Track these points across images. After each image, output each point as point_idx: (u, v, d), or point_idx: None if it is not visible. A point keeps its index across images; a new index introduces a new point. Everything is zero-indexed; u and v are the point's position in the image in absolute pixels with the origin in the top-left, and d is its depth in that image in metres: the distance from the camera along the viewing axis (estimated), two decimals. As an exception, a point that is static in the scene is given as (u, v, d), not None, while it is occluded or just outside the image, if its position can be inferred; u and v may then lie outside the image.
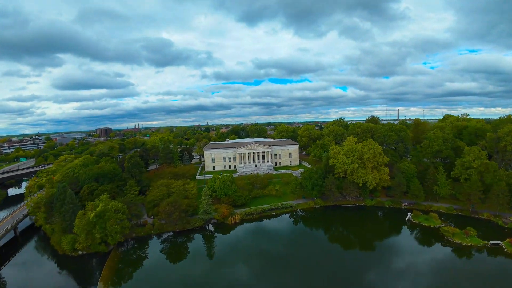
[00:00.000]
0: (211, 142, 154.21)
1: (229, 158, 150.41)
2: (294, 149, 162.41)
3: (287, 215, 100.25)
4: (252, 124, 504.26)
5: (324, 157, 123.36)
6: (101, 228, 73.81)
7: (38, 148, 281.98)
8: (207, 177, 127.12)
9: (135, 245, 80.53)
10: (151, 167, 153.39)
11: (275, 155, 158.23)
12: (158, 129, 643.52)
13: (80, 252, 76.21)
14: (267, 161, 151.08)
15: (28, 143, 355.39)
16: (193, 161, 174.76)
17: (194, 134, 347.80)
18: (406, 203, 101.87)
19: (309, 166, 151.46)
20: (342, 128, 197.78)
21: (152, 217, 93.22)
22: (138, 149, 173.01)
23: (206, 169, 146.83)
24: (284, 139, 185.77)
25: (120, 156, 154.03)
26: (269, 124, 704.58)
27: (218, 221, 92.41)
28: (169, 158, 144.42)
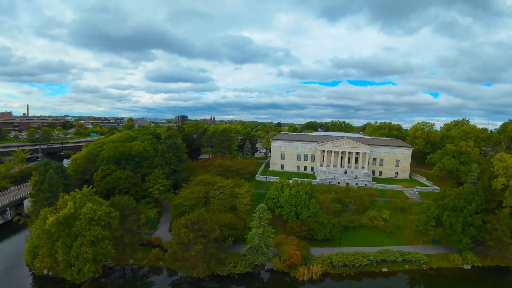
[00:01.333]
0: (282, 132, 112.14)
1: (305, 156, 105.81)
2: (404, 154, 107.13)
3: (409, 276, 51.14)
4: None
5: (485, 175, 67.26)
6: (64, 246, 40.16)
7: (117, 126, 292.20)
8: (271, 179, 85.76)
9: (129, 279, 45.21)
10: (203, 156, 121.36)
11: (374, 159, 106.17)
12: (230, 121, 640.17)
13: (45, 272, 45.16)
14: (363, 167, 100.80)
15: (110, 121, 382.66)
16: (257, 155, 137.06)
17: (264, 127, 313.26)
18: None
19: (427, 183, 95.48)
20: (480, 130, 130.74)
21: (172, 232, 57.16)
22: (195, 134, 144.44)
23: (271, 167, 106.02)
24: (389, 139, 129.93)
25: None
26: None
27: (278, 269, 49.72)
28: (225, 146, 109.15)
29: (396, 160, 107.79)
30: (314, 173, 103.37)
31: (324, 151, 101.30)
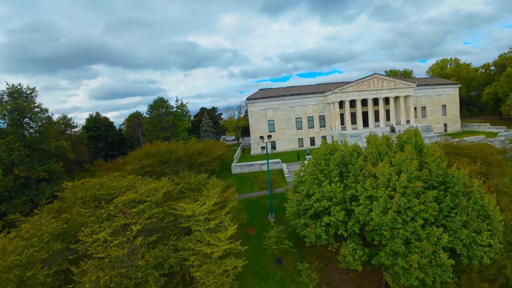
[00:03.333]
0: (262, 88, 65.13)
1: (310, 119, 61.03)
2: (450, 95, 69.46)
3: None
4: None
5: None
6: None
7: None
8: (255, 169, 39.83)
9: None
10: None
11: (414, 109, 65.36)
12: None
13: None
14: (408, 121, 59.46)
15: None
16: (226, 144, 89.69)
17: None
18: None
19: (501, 129, 57.82)
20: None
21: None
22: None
23: (253, 151, 59.56)
24: (425, 77, 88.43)
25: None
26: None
27: None
28: (165, 128, 60.41)
29: (442, 105, 68.88)
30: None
31: (343, 103, 57.68)
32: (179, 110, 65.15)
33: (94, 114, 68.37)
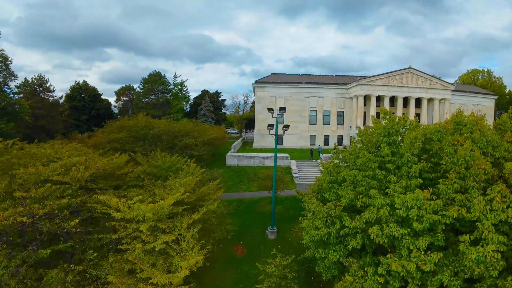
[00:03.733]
0: (274, 73, 56.08)
1: (326, 114, 51.96)
2: (486, 106, 60.47)
3: None
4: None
5: None
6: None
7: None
8: (256, 163, 31.11)
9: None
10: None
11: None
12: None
13: None
14: (436, 132, 49.98)
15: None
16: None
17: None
18: None
19: None
20: None
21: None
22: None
23: (256, 144, 50.74)
24: (458, 84, 78.77)
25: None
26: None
27: None
28: (156, 105, 51.90)
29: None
30: (343, 146, 50.40)
31: (367, 98, 48.66)
32: (176, 88, 56.54)
33: (81, 82, 60.03)
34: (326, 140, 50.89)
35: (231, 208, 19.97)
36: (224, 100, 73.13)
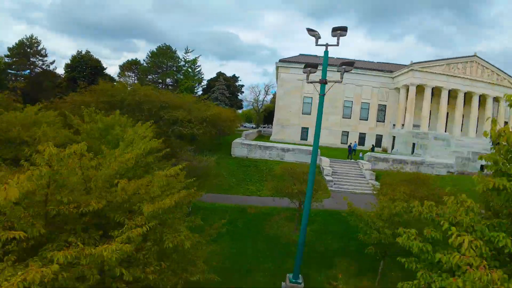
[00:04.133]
0: (303, 54, 46.82)
1: (364, 106, 42.13)
2: None
3: None
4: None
5: None
6: None
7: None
8: (272, 156, 22.11)
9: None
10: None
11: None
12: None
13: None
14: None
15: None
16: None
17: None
18: None
19: None
20: None
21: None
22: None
23: (274, 136, 41.82)
24: None
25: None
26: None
27: None
28: (163, 84, 44.09)
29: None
30: (382, 149, 39.99)
31: (420, 91, 38.24)
32: (186, 65, 48.61)
33: (84, 52, 53.60)
34: (362, 139, 41.02)
35: (226, 217, 11.28)
36: (242, 86, 64.31)
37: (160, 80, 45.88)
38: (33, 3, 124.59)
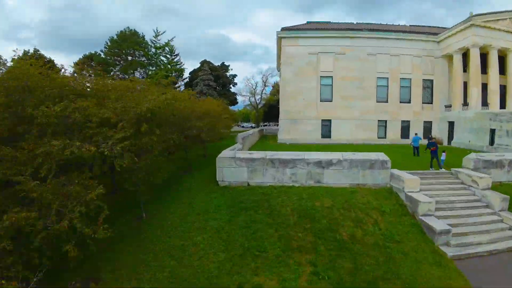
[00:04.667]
0: (311, 22, 35.42)
1: (405, 87, 30.87)
2: None
3: None
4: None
5: None
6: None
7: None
8: (300, 179, 10.76)
9: None
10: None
11: None
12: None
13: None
14: None
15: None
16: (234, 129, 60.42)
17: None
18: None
19: None
20: None
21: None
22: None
23: (281, 136, 30.48)
24: None
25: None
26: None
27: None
28: (127, 77, 32.60)
29: None
30: (437, 139, 28.75)
31: (484, 55, 26.75)
32: (157, 52, 36.96)
33: (31, 51, 41.88)
34: (404, 130, 29.53)
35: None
36: (235, 76, 52.12)
37: (125, 75, 34.24)
38: (21, 22, 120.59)
